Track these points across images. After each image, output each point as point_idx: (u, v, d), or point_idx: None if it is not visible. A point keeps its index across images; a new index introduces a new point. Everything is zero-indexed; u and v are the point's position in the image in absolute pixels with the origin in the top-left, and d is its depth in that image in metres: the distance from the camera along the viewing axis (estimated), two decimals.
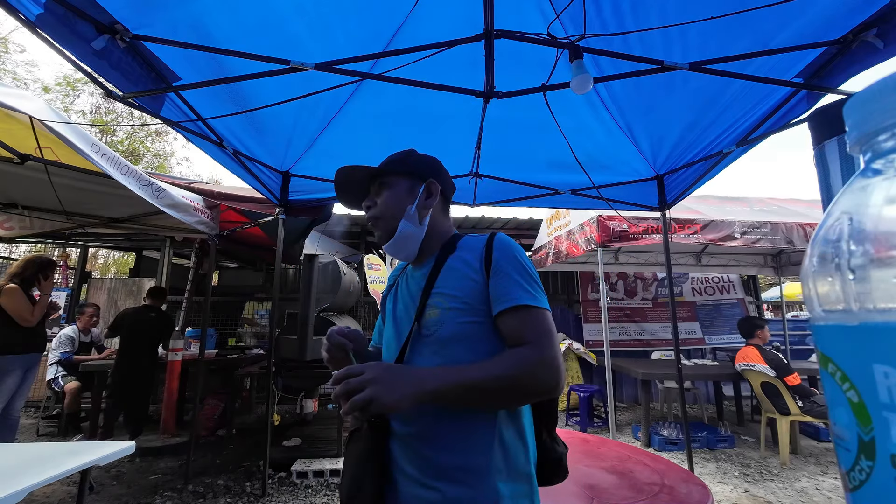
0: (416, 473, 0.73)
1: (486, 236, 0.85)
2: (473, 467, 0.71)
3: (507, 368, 0.69)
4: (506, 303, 0.74)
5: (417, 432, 0.75)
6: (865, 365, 0.21)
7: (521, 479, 0.73)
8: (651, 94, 2.00)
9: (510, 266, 0.77)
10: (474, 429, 0.73)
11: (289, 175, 2.74)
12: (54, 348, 4.18)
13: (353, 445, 0.80)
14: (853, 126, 0.25)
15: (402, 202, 0.87)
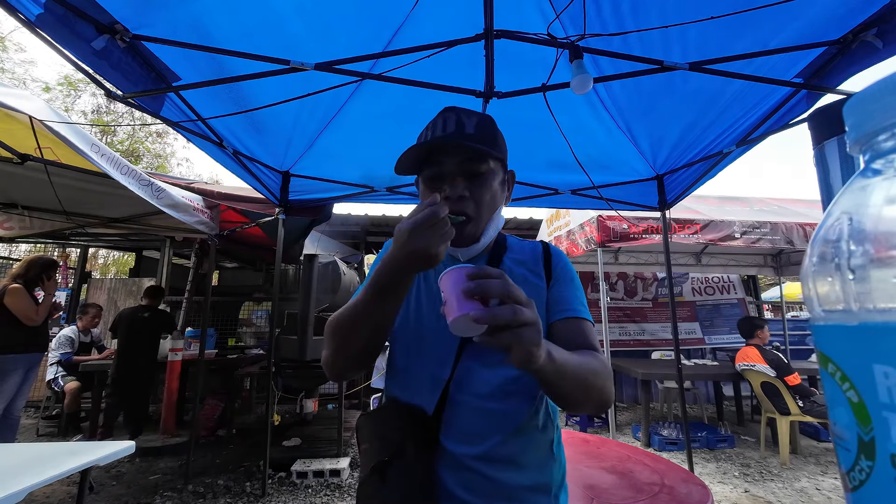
0: (478, 500, 0.65)
1: (537, 242, 0.84)
2: (541, 485, 0.69)
3: (600, 367, 0.64)
4: (567, 312, 0.73)
5: (484, 453, 0.67)
6: (865, 365, 0.21)
7: (567, 491, 0.75)
8: (651, 94, 2.00)
9: (568, 277, 0.78)
10: (538, 444, 0.71)
11: (289, 175, 2.74)
12: (54, 349, 4.18)
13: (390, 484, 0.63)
14: (853, 126, 0.25)
15: (497, 199, 0.72)
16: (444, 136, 0.69)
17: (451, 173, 0.68)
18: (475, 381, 0.70)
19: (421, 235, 0.53)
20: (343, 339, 0.63)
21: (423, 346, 0.73)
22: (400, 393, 0.74)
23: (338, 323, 0.64)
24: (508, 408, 0.70)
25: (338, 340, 0.64)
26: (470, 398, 0.69)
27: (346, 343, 0.63)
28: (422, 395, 0.71)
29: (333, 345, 0.65)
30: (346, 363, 0.66)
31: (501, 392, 0.70)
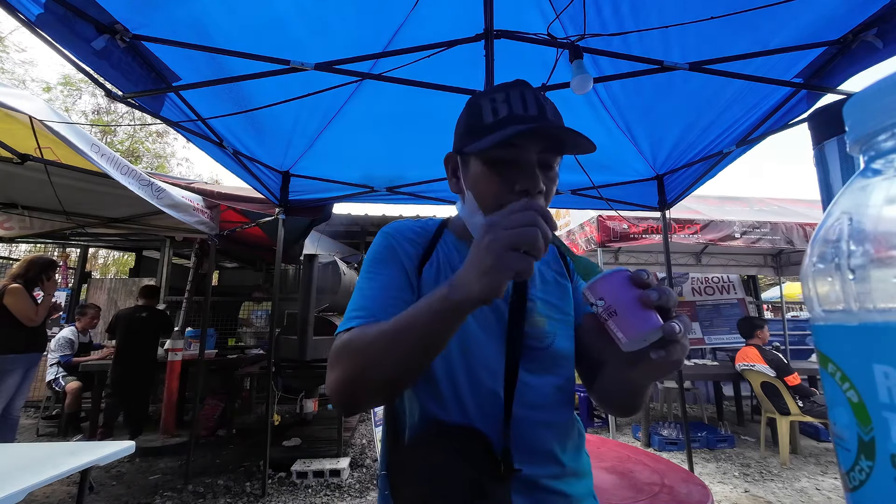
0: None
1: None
2: (592, 488, 0.71)
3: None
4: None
5: (554, 470, 0.64)
6: (865, 365, 0.21)
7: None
8: (651, 94, 2.00)
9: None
10: (584, 450, 0.72)
11: (289, 175, 2.74)
12: (53, 350, 4.18)
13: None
14: (853, 126, 0.25)
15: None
16: (553, 123, 0.58)
17: (529, 162, 0.57)
18: (529, 392, 0.64)
19: (525, 259, 0.43)
20: (376, 363, 0.51)
21: (469, 353, 0.63)
22: (442, 411, 0.62)
23: (368, 343, 0.52)
24: (562, 418, 0.68)
25: (366, 363, 0.52)
26: (529, 412, 0.63)
27: (380, 368, 0.51)
28: (479, 413, 0.61)
29: (356, 368, 0.52)
30: (371, 393, 0.53)
31: (554, 402, 0.67)
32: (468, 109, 0.65)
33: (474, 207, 0.62)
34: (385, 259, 0.66)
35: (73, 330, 4.34)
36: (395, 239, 0.68)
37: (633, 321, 0.43)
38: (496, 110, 0.60)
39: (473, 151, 0.60)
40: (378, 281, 0.64)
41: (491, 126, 0.59)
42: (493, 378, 0.63)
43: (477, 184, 0.61)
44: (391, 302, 0.61)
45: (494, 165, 0.59)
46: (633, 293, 0.44)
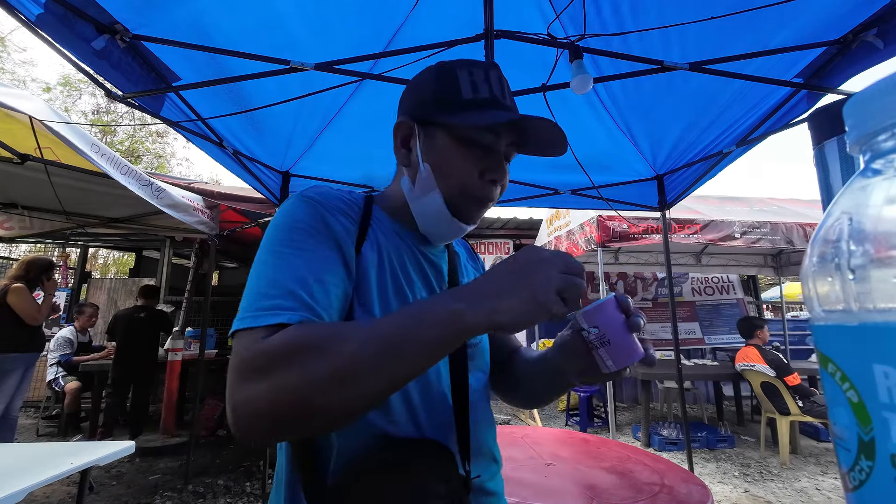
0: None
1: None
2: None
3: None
4: None
5: (496, 469, 0.62)
6: (865, 365, 0.21)
7: None
8: (651, 94, 2.00)
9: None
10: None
11: (289, 175, 2.74)
12: (52, 350, 4.18)
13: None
14: (853, 126, 0.25)
15: None
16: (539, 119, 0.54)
17: (500, 152, 0.56)
18: (471, 392, 0.59)
19: (563, 306, 0.41)
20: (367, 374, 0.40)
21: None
22: (390, 423, 0.51)
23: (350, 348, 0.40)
24: (491, 413, 0.66)
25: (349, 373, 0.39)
26: (473, 413, 0.58)
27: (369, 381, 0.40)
28: (432, 421, 0.54)
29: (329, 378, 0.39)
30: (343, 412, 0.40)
31: (486, 397, 0.65)
32: (440, 76, 0.57)
33: (430, 184, 0.56)
34: (314, 230, 0.50)
35: (71, 329, 4.34)
36: (326, 209, 0.53)
37: (625, 352, 0.48)
38: (476, 86, 0.56)
39: (457, 124, 0.54)
40: (308, 259, 0.48)
41: (471, 103, 0.55)
42: (439, 380, 0.56)
43: (444, 161, 0.55)
44: (333, 291, 0.48)
45: (469, 146, 0.55)
46: (622, 321, 0.48)
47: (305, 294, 0.45)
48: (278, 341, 0.40)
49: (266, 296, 0.45)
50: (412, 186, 0.59)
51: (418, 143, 0.57)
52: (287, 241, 0.49)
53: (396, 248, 0.59)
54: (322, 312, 0.45)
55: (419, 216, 0.59)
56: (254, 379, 0.39)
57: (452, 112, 0.55)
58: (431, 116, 0.56)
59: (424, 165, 0.56)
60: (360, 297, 0.52)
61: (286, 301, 0.44)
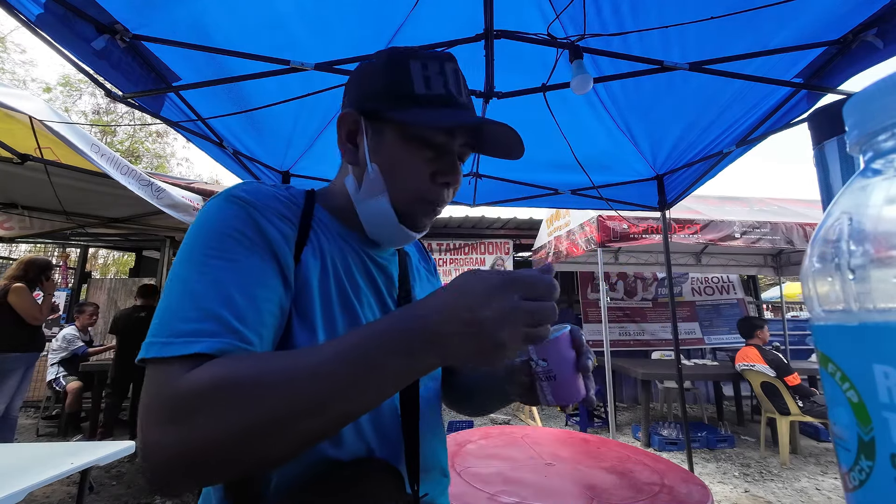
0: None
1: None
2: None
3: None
4: None
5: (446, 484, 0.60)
6: (865, 365, 0.21)
7: None
8: (651, 94, 2.00)
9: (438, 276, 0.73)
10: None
11: (289, 175, 2.74)
12: (55, 350, 4.20)
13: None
14: (853, 126, 0.25)
15: None
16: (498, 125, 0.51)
17: (453, 153, 0.53)
18: (422, 402, 0.55)
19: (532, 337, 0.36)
20: (310, 411, 0.35)
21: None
22: (333, 444, 0.46)
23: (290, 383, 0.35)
24: (441, 423, 0.61)
25: (291, 411, 0.34)
26: (423, 426, 0.54)
27: (314, 419, 0.35)
28: (379, 438, 0.49)
29: (267, 418, 0.34)
30: (285, 451, 0.35)
31: (437, 407, 0.61)
32: (390, 66, 0.52)
33: (378, 187, 0.51)
34: (243, 237, 0.44)
35: (73, 328, 4.37)
36: (259, 210, 0.46)
37: (567, 391, 0.48)
38: (429, 81, 0.51)
39: (409, 123, 0.49)
40: (237, 272, 0.41)
41: (424, 99, 0.50)
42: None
43: (394, 162, 0.51)
44: (266, 307, 0.42)
45: (421, 146, 0.51)
46: (572, 359, 0.48)
47: (231, 315, 0.39)
48: (195, 382, 0.34)
49: (184, 318, 0.38)
50: (358, 187, 0.54)
51: (365, 139, 0.52)
52: (211, 251, 0.42)
53: (341, 251, 0.53)
54: (251, 336, 0.39)
55: (365, 219, 0.54)
56: (168, 423, 0.34)
57: (404, 108, 0.50)
58: (380, 111, 0.51)
59: (372, 166, 0.51)
60: (300, 309, 0.46)
61: (208, 324, 0.37)
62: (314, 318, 0.47)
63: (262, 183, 0.51)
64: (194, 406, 0.34)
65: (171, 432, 0.33)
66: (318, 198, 0.57)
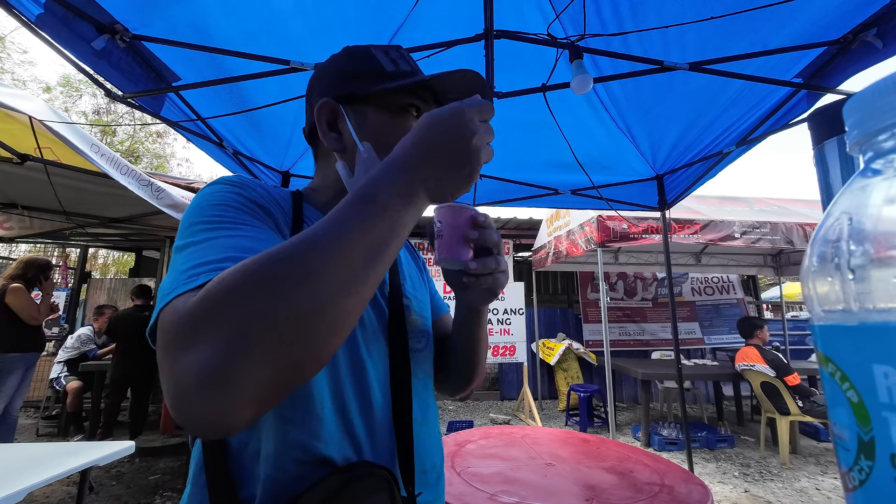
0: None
1: None
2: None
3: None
4: (444, 308, 0.74)
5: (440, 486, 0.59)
6: (865, 365, 0.21)
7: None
8: (651, 95, 2.00)
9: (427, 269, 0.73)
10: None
11: (289, 175, 2.74)
12: (67, 348, 4.24)
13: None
14: (853, 126, 0.25)
15: None
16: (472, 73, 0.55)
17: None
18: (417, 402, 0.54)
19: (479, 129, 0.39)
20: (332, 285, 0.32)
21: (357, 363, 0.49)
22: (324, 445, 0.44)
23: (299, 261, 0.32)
24: (438, 423, 0.60)
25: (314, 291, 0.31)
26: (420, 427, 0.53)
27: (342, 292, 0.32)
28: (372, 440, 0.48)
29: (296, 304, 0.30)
30: (333, 335, 0.32)
31: (433, 407, 0.60)
32: (354, 56, 0.56)
33: (374, 162, 0.51)
34: (249, 210, 0.44)
35: (90, 329, 4.43)
36: (260, 195, 0.47)
37: (449, 249, 0.51)
38: (395, 62, 0.55)
39: (390, 88, 0.52)
40: (247, 231, 0.40)
41: (396, 74, 0.53)
42: (383, 393, 0.51)
43: (383, 134, 0.52)
44: None
45: (403, 115, 0.53)
46: (461, 224, 0.51)
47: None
48: (216, 280, 0.31)
49: (198, 265, 0.35)
50: (350, 172, 0.54)
51: (349, 123, 0.53)
52: (216, 218, 0.40)
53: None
54: None
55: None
56: (196, 342, 0.29)
57: (381, 83, 0.52)
58: (359, 90, 0.53)
59: (364, 144, 0.52)
60: None
61: (227, 264, 0.34)
62: None
63: (255, 178, 0.53)
64: (219, 305, 0.29)
65: (203, 348, 0.28)
66: (304, 196, 0.58)
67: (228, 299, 0.29)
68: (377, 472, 0.45)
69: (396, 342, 0.54)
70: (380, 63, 0.54)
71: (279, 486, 0.41)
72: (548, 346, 5.73)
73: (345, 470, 0.44)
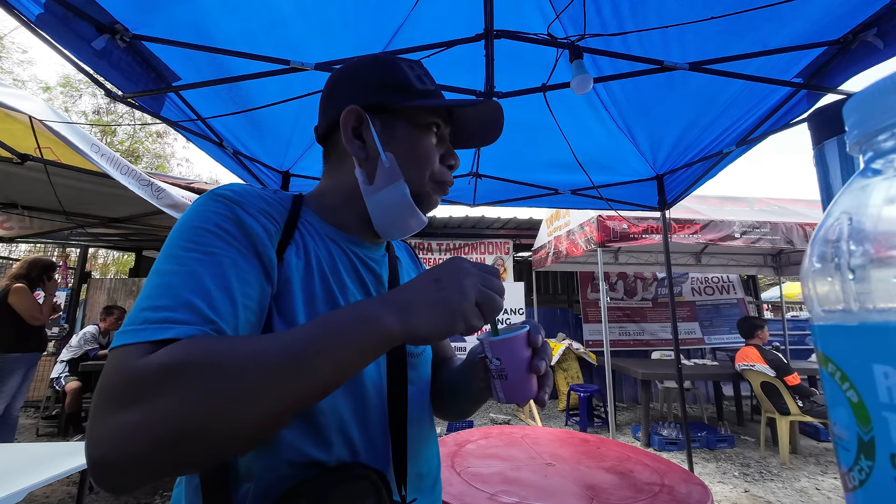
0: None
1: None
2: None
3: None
4: None
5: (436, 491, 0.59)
6: (865, 365, 0.21)
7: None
8: (651, 95, 2.00)
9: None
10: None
11: (289, 175, 2.74)
12: (71, 346, 4.24)
13: None
14: (853, 126, 0.25)
15: None
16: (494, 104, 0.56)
17: (448, 139, 0.59)
18: (413, 406, 0.55)
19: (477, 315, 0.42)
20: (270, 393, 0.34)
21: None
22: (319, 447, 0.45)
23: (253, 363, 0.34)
24: (434, 428, 0.61)
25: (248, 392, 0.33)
26: (415, 431, 0.54)
27: (271, 401, 0.34)
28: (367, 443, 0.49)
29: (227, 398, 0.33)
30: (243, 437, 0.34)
31: (429, 412, 0.61)
32: (383, 64, 0.56)
33: (395, 174, 0.53)
34: (224, 232, 0.44)
35: (95, 328, 4.42)
36: (243, 208, 0.46)
37: (518, 390, 0.49)
38: (421, 79, 0.56)
39: (421, 106, 0.54)
40: (215, 265, 0.41)
41: (422, 92, 0.55)
42: (379, 396, 0.51)
43: (410, 148, 0.54)
44: (242, 301, 0.41)
45: (429, 132, 0.55)
46: (525, 360, 0.48)
47: (206, 306, 0.38)
48: (157, 359, 0.33)
49: (157, 307, 0.37)
50: (367, 180, 0.54)
51: (374, 132, 0.53)
52: (190, 244, 0.42)
53: (328, 251, 0.53)
54: (225, 327, 0.39)
55: (379, 210, 0.55)
56: (123, 408, 0.31)
57: (412, 99, 0.54)
58: (388, 103, 0.54)
59: (387, 155, 0.53)
60: (280, 308, 0.46)
61: (181, 313, 0.36)
62: (295, 318, 0.46)
63: (250, 185, 0.52)
64: (150, 385, 0.32)
65: (125, 418, 0.31)
66: (306, 201, 0.58)
67: (157, 392, 0.32)
68: (369, 474, 0.46)
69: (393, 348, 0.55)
70: (409, 78, 0.55)
71: (271, 487, 0.42)
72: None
73: (336, 470, 0.44)
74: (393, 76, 0.54)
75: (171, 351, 0.34)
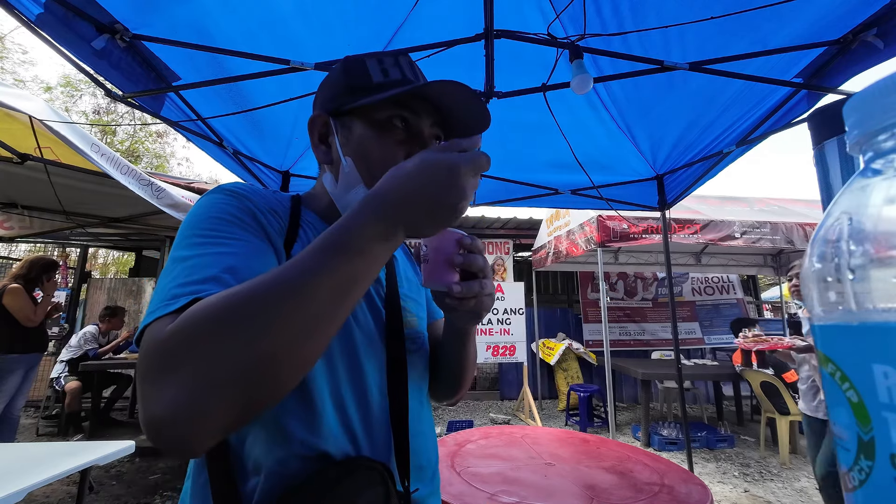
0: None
1: None
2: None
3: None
4: (437, 314, 0.73)
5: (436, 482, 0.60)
6: (865, 365, 0.21)
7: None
8: (651, 94, 2.00)
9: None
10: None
11: (289, 175, 2.74)
12: (71, 346, 4.23)
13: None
14: (853, 126, 0.25)
15: None
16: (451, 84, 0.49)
17: (422, 130, 0.54)
18: (412, 400, 0.56)
19: (468, 189, 0.39)
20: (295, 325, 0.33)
21: (354, 360, 0.51)
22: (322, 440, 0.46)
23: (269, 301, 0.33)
24: (432, 421, 0.62)
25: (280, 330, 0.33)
26: (415, 424, 0.55)
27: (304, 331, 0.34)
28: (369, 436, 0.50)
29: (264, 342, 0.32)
30: (294, 373, 0.34)
31: (427, 406, 0.62)
32: (348, 67, 0.55)
33: (355, 178, 0.53)
34: (241, 221, 0.45)
35: (95, 328, 4.42)
36: (254, 203, 0.49)
37: (434, 275, 0.51)
38: (386, 71, 0.53)
39: (366, 104, 0.51)
40: (237, 249, 0.42)
41: (382, 86, 0.52)
42: (380, 391, 0.52)
43: (365, 150, 0.52)
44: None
45: (389, 131, 0.52)
46: (449, 252, 0.51)
47: (234, 279, 0.38)
48: (189, 313, 0.33)
49: (185, 283, 0.37)
50: (335, 183, 0.55)
51: (336, 136, 0.54)
52: (210, 232, 0.42)
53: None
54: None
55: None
56: (165, 379, 0.32)
57: (363, 97, 0.52)
58: (344, 105, 0.53)
59: (346, 159, 0.53)
60: None
61: (209, 285, 0.37)
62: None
63: (253, 184, 0.53)
64: (189, 343, 0.32)
65: (178, 381, 0.31)
66: (304, 201, 0.59)
67: (196, 340, 0.32)
68: (374, 466, 0.47)
69: (392, 342, 0.55)
70: (369, 75, 0.53)
71: (280, 480, 0.43)
72: (548, 345, 5.73)
73: (342, 464, 0.46)
74: (352, 77, 0.54)
75: (200, 303, 0.34)
